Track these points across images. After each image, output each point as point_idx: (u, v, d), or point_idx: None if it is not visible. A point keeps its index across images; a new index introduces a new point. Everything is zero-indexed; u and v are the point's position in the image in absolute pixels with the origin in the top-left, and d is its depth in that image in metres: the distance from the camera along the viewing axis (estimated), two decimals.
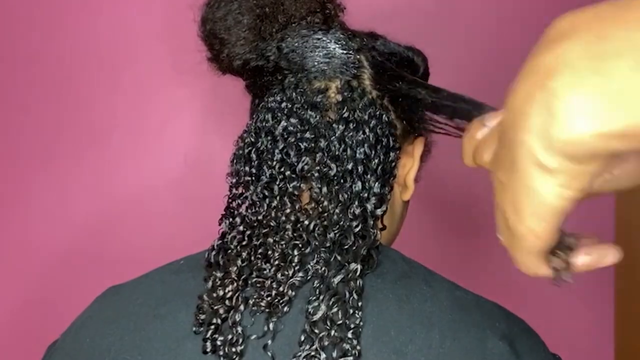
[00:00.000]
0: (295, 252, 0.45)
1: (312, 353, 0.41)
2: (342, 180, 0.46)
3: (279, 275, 0.44)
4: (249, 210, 0.47)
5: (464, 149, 0.36)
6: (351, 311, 0.42)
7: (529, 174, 0.28)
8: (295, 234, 0.46)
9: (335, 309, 0.42)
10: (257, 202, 0.47)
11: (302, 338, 0.42)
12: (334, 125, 0.48)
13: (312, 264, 0.45)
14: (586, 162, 0.26)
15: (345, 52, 0.49)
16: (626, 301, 0.87)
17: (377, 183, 0.47)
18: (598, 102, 0.24)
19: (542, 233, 0.29)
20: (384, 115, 0.49)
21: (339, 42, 0.49)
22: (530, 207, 0.29)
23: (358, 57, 0.49)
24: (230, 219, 0.48)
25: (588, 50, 0.25)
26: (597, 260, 0.35)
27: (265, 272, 0.45)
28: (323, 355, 0.41)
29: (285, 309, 0.43)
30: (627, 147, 0.25)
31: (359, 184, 0.46)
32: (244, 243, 0.46)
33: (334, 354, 0.41)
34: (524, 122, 0.27)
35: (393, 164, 0.49)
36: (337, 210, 0.46)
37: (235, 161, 0.50)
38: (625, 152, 0.25)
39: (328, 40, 0.49)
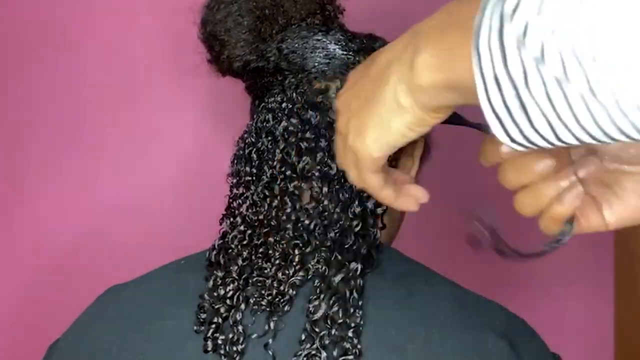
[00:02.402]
0: (296, 252, 0.45)
1: (313, 352, 0.41)
2: (342, 180, 0.47)
3: (279, 275, 0.44)
4: (250, 210, 0.48)
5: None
6: (352, 310, 0.42)
7: (387, 108, 0.35)
8: (295, 233, 0.46)
9: (335, 308, 0.42)
10: (258, 202, 0.47)
11: (303, 337, 0.42)
12: (334, 125, 0.48)
13: (312, 263, 0.45)
14: (429, 112, 0.34)
15: (345, 53, 0.49)
16: (626, 301, 0.88)
17: None
18: (435, 58, 0.31)
19: (377, 156, 0.37)
20: None
21: (339, 43, 0.50)
22: (374, 134, 0.36)
23: (358, 58, 0.50)
24: (231, 219, 0.48)
25: (445, 20, 0.32)
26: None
27: (266, 271, 0.45)
28: (324, 354, 0.41)
29: (286, 307, 0.44)
30: (451, 99, 0.32)
31: None
32: (244, 242, 0.47)
33: (335, 353, 0.41)
34: (397, 66, 0.34)
35: (393, 163, 0.49)
36: (337, 210, 0.46)
37: (236, 161, 0.50)
38: (450, 106, 0.33)
39: (328, 42, 0.49)
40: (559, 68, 0.26)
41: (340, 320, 0.42)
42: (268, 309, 0.44)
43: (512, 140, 0.30)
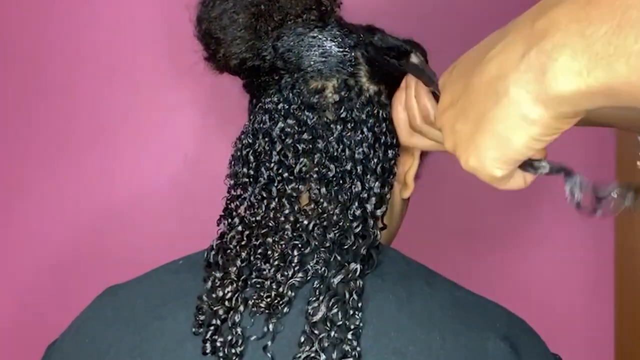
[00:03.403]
0: (295, 252, 0.45)
1: (312, 354, 0.41)
2: (341, 181, 0.46)
3: (278, 276, 0.44)
4: (248, 212, 0.47)
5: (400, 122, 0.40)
6: (351, 312, 0.42)
7: (507, 124, 0.31)
8: (294, 234, 0.46)
9: (335, 310, 0.42)
10: (256, 204, 0.47)
11: (302, 339, 0.42)
12: (331, 125, 0.47)
13: (311, 264, 0.45)
14: (566, 119, 0.30)
15: (341, 50, 0.49)
16: (626, 301, 0.87)
17: (376, 183, 0.47)
18: (581, 62, 0.27)
19: (501, 176, 0.34)
20: (382, 113, 0.48)
21: (335, 40, 0.49)
22: (492, 154, 0.33)
23: (354, 54, 0.49)
24: (229, 220, 0.48)
25: (576, 15, 0.27)
26: None
27: (264, 272, 0.45)
28: (323, 357, 0.41)
29: (285, 309, 0.43)
30: (603, 103, 0.28)
31: (359, 184, 0.46)
32: (243, 243, 0.46)
33: (334, 355, 0.41)
34: (517, 76, 0.30)
35: (392, 162, 0.49)
36: (336, 211, 0.46)
37: (233, 163, 0.50)
38: (602, 107, 0.29)
39: (324, 39, 0.49)
40: None
41: (340, 322, 0.42)
42: (267, 311, 0.43)
43: None
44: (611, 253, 0.89)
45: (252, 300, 0.44)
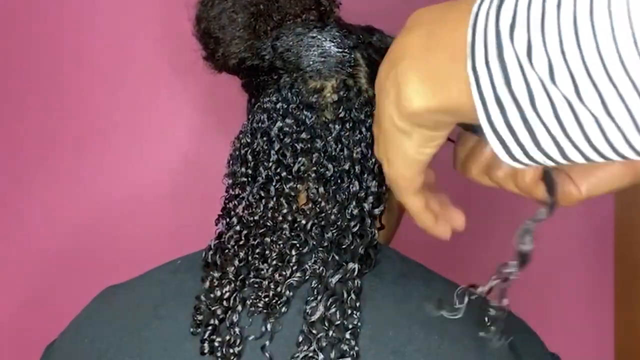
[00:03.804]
0: (293, 252, 0.45)
1: (310, 354, 0.41)
2: (339, 181, 0.46)
3: (276, 276, 0.44)
4: (246, 211, 0.47)
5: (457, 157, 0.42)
6: (349, 311, 0.42)
7: (392, 134, 0.35)
8: (292, 234, 0.45)
9: (333, 310, 0.42)
10: (254, 203, 0.47)
11: (300, 339, 0.42)
12: (330, 125, 0.47)
13: (309, 264, 0.45)
14: (432, 129, 0.33)
15: (340, 50, 0.49)
16: (626, 301, 0.87)
17: (374, 182, 0.47)
18: (426, 84, 0.31)
19: (410, 177, 0.37)
20: None
21: (334, 40, 0.49)
22: (397, 158, 0.37)
23: (353, 55, 0.49)
24: (227, 219, 0.48)
25: (423, 43, 0.31)
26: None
27: (262, 272, 0.45)
28: (321, 356, 0.41)
29: (283, 309, 0.43)
30: (451, 119, 0.32)
31: (357, 184, 0.46)
32: (241, 243, 0.46)
33: (332, 355, 0.41)
34: (385, 93, 0.34)
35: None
36: (334, 211, 0.46)
37: (231, 162, 0.50)
38: (450, 123, 0.33)
39: (323, 39, 0.49)
40: (570, 88, 0.24)
41: (338, 322, 0.42)
42: (265, 311, 0.43)
43: (515, 160, 0.29)
44: (611, 253, 0.89)
45: (250, 300, 0.44)
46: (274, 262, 0.45)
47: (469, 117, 0.29)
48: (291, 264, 0.44)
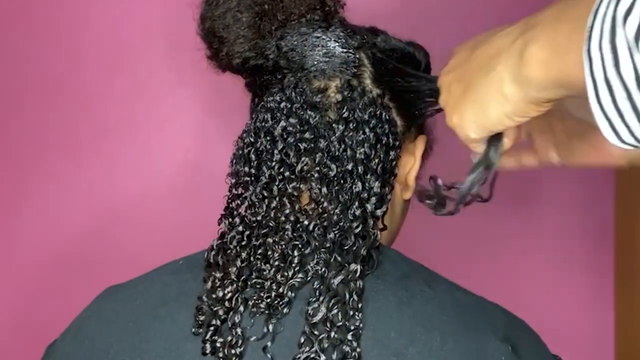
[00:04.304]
0: (295, 253, 0.45)
1: (312, 355, 0.41)
2: (342, 181, 0.46)
3: (278, 276, 0.44)
4: (249, 211, 0.47)
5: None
6: (351, 313, 0.42)
7: (489, 95, 0.37)
8: (295, 234, 0.45)
9: (335, 311, 0.42)
10: (257, 203, 0.47)
11: (302, 340, 0.42)
12: (333, 125, 0.47)
13: (312, 265, 0.44)
14: (530, 105, 0.35)
15: (345, 50, 0.49)
16: (627, 302, 0.87)
17: (377, 183, 0.46)
18: (546, 52, 0.33)
19: (474, 137, 0.41)
20: (384, 114, 0.48)
21: (339, 41, 0.49)
22: (472, 116, 0.39)
23: (358, 55, 0.49)
24: (230, 219, 0.48)
25: (556, 15, 0.33)
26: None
27: (264, 272, 0.45)
28: (323, 357, 0.41)
29: (285, 310, 0.43)
30: (559, 93, 0.34)
31: (359, 184, 0.46)
32: (243, 243, 0.46)
33: (334, 356, 0.41)
34: (506, 56, 0.36)
35: (393, 163, 0.49)
36: (337, 211, 0.46)
37: (234, 161, 0.49)
38: (557, 99, 0.35)
39: (328, 39, 0.49)
40: None
41: (340, 323, 0.42)
42: (267, 312, 0.43)
43: (622, 141, 0.30)
44: (611, 253, 0.89)
45: (252, 301, 0.44)
46: (276, 263, 0.45)
47: (577, 91, 0.31)
48: (293, 265, 0.44)
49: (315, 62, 0.48)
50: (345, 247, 0.45)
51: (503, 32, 0.38)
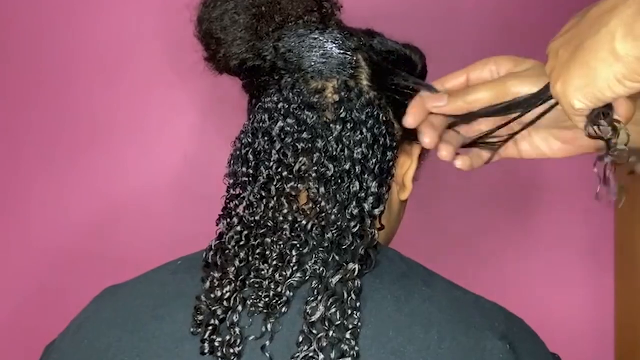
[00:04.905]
0: (294, 253, 0.45)
1: (311, 354, 0.41)
2: (339, 181, 0.46)
3: (277, 276, 0.44)
4: (247, 211, 0.47)
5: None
6: (349, 312, 0.42)
7: (598, 54, 0.33)
8: (293, 234, 0.46)
9: (333, 310, 0.42)
10: (255, 203, 0.47)
11: (301, 339, 0.42)
12: (331, 125, 0.47)
13: (310, 264, 0.45)
14: None
15: (342, 52, 0.49)
16: (627, 301, 0.87)
17: (374, 183, 0.47)
18: None
19: (579, 106, 0.36)
20: (381, 115, 0.49)
21: (336, 42, 0.49)
22: (578, 82, 0.34)
23: (355, 57, 0.49)
24: (228, 220, 0.48)
25: None
26: None
27: (263, 272, 0.45)
28: (321, 356, 0.41)
29: (284, 309, 0.43)
30: None
31: (357, 184, 0.46)
32: (241, 243, 0.46)
33: (332, 355, 0.41)
34: (621, 9, 0.32)
35: (391, 163, 0.49)
36: (335, 211, 0.46)
37: (232, 162, 0.50)
38: None
39: (325, 40, 0.49)
40: None
41: (338, 322, 0.42)
42: (265, 311, 0.43)
43: None
44: (611, 253, 0.89)
45: (251, 301, 0.44)
46: (275, 263, 0.45)
47: None
48: (292, 265, 0.45)
49: (313, 64, 0.49)
50: (344, 247, 0.45)
51: None
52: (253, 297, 0.44)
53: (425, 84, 0.50)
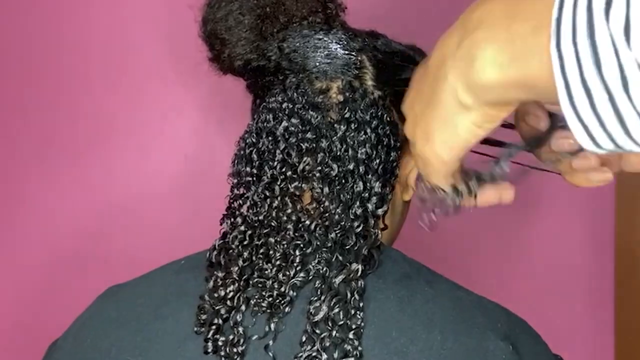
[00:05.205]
0: (297, 252, 0.45)
1: (314, 354, 0.41)
2: (343, 181, 0.46)
3: (280, 276, 0.44)
4: (250, 211, 0.47)
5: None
6: (352, 312, 0.42)
7: (448, 108, 0.33)
8: (296, 234, 0.46)
9: (336, 310, 0.42)
10: (259, 203, 0.47)
11: (304, 338, 0.42)
12: (335, 125, 0.47)
13: (313, 264, 0.45)
14: (497, 106, 0.31)
15: (346, 52, 0.49)
16: (627, 303, 0.88)
17: (378, 183, 0.47)
18: (503, 55, 0.28)
19: (448, 159, 0.35)
20: (385, 116, 0.49)
21: (341, 42, 0.49)
22: (441, 137, 0.34)
23: (360, 57, 0.49)
24: (232, 219, 0.48)
25: (503, 10, 0.29)
26: (495, 196, 0.42)
27: (266, 272, 0.45)
28: (324, 356, 0.41)
29: (287, 309, 0.43)
30: (523, 95, 0.29)
31: (360, 184, 0.46)
32: (245, 243, 0.46)
33: (335, 355, 0.41)
34: (452, 63, 0.32)
35: (394, 163, 0.49)
36: (338, 211, 0.46)
37: (236, 162, 0.50)
38: (523, 101, 0.31)
39: (329, 41, 0.49)
40: None
41: (341, 322, 0.42)
42: (269, 311, 0.43)
43: (598, 146, 0.27)
44: (611, 253, 0.90)
45: (254, 300, 0.44)
46: (278, 262, 0.45)
47: (545, 95, 0.27)
48: (295, 264, 0.45)
49: (317, 64, 0.49)
50: (347, 247, 0.45)
51: (445, 35, 0.34)
52: (256, 297, 0.44)
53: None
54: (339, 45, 0.49)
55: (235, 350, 0.42)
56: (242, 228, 0.47)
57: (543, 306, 0.88)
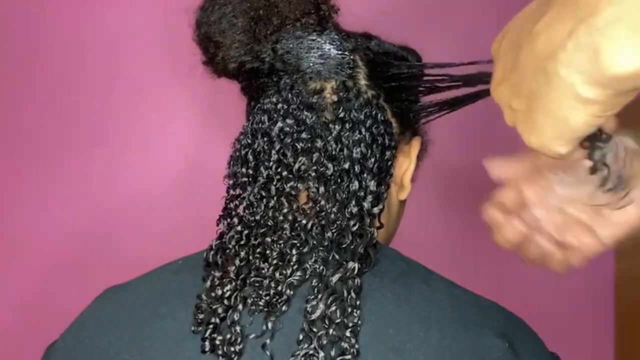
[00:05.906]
0: (294, 251, 0.45)
1: (311, 352, 0.41)
2: (339, 180, 0.47)
3: (277, 275, 0.44)
4: (247, 211, 0.48)
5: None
6: (349, 310, 0.42)
7: (561, 103, 0.30)
8: (293, 233, 0.46)
9: (333, 308, 0.42)
10: (255, 203, 0.47)
11: (301, 337, 0.42)
12: (330, 125, 0.48)
13: (310, 263, 0.45)
14: (627, 94, 0.28)
15: (340, 52, 0.49)
16: (627, 302, 0.87)
17: (373, 182, 0.47)
18: (638, 38, 0.25)
19: (565, 151, 0.32)
20: (379, 115, 0.49)
21: (334, 43, 0.50)
22: (554, 132, 0.31)
23: (353, 57, 0.50)
24: (228, 220, 0.48)
25: None
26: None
27: (263, 271, 0.45)
28: (321, 354, 0.41)
29: (284, 308, 0.44)
30: None
31: (356, 183, 0.47)
32: (242, 242, 0.47)
33: (332, 353, 0.41)
34: (564, 56, 0.28)
35: (389, 162, 0.49)
36: (334, 210, 0.46)
37: (232, 163, 0.50)
38: None
39: (323, 41, 0.50)
40: None
41: (338, 320, 0.42)
42: (266, 309, 0.44)
43: None
44: (611, 253, 0.90)
45: (251, 299, 0.44)
46: (275, 262, 0.45)
47: None
48: (292, 263, 0.45)
49: (311, 64, 0.49)
50: (343, 246, 0.45)
51: (544, 23, 0.30)
52: (253, 296, 0.44)
53: (417, 64, 0.51)
54: (332, 46, 0.49)
55: (232, 349, 0.43)
56: (239, 228, 0.47)
57: (543, 306, 0.88)
